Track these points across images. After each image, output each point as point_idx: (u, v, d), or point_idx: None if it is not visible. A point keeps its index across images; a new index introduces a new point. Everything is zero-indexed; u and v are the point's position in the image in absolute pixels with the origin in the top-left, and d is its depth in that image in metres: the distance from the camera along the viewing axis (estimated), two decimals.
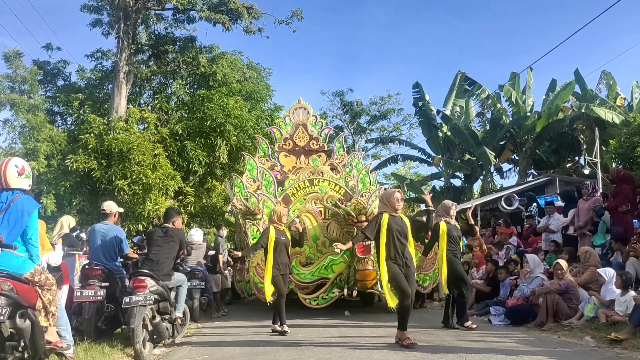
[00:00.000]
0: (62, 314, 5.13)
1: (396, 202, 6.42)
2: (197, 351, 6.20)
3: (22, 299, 4.45)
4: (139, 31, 17.83)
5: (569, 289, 7.43)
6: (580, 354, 5.42)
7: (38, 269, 4.65)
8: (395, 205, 6.42)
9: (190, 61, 17.97)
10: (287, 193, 10.88)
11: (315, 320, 8.70)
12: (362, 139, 38.33)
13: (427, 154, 28.38)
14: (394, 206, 6.41)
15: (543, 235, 10.70)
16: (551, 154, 24.96)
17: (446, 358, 5.26)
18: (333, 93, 38.22)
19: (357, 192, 11.11)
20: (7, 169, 4.54)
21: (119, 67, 16.18)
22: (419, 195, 29.17)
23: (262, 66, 20.52)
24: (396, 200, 6.43)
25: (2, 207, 4.43)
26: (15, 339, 4.44)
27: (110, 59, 18.58)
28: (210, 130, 15.69)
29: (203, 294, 9.42)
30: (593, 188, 9.95)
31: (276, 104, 20.39)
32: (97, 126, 14.81)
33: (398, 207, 6.43)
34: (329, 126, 14.62)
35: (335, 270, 9.18)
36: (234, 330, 8.00)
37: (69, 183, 14.23)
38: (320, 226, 9.69)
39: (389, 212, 6.40)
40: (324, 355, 5.58)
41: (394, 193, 6.59)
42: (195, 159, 15.48)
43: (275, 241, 7.40)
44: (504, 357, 5.23)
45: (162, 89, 19.15)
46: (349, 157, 12.45)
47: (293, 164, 12.14)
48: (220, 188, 17.26)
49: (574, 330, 6.74)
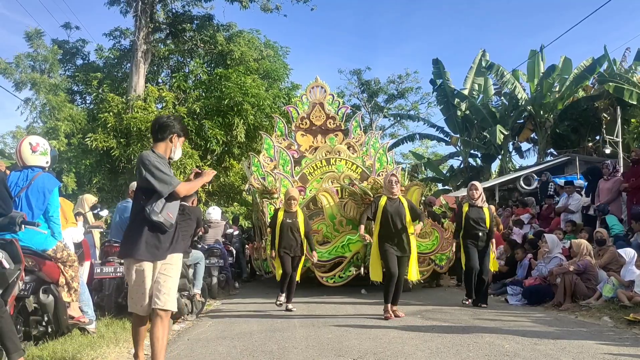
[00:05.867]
0: (84, 289, 5.25)
1: (391, 186, 6.67)
2: (216, 327, 6.29)
3: (45, 274, 4.56)
4: (157, 9, 17.78)
5: (587, 269, 7.38)
6: (598, 334, 5.39)
7: (60, 245, 4.75)
8: (390, 189, 6.68)
9: (207, 40, 17.95)
10: (304, 172, 10.91)
11: (332, 298, 8.77)
12: (379, 117, 38.13)
13: (445, 132, 28.02)
14: (390, 190, 6.69)
15: (562, 215, 10.60)
16: (571, 133, 24.56)
17: (463, 337, 5.28)
18: (350, 71, 38.08)
19: (374, 171, 11.10)
20: (22, 148, 4.62)
21: (137, 46, 16.22)
22: (436, 175, 29.04)
23: (279, 45, 20.46)
24: (390, 184, 6.68)
25: (23, 184, 4.52)
26: (39, 313, 4.57)
27: (129, 37, 18.64)
28: (228, 109, 15.71)
29: (221, 272, 9.53)
30: (614, 168, 9.80)
31: (293, 83, 20.36)
32: (115, 105, 14.92)
33: (393, 190, 6.66)
34: (346, 105, 14.55)
35: (352, 249, 9.21)
36: (251, 307, 8.10)
37: (89, 162, 14.40)
38: (337, 205, 9.71)
39: (387, 195, 6.70)
40: (341, 333, 5.64)
41: (388, 177, 6.84)
42: (213, 138, 15.53)
43: (282, 224, 7.45)
44: (521, 337, 5.24)
45: (179, 68, 19.19)
46: (366, 136, 12.40)
47: (310, 143, 12.13)
48: (237, 167, 17.32)
49: (592, 311, 6.71)
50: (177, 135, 3.82)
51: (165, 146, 3.80)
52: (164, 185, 3.58)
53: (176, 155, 3.87)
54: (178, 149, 3.87)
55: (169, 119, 3.84)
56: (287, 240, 7.45)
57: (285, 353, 4.77)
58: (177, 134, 3.82)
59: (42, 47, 15.65)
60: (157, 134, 3.79)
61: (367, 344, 5.01)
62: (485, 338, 5.21)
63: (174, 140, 3.82)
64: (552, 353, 4.53)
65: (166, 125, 3.78)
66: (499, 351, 4.62)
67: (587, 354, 4.47)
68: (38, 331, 4.62)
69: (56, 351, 4.35)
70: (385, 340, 5.21)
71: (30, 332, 4.55)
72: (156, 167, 3.57)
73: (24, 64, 15.38)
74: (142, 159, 3.62)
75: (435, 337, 5.29)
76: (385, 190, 6.82)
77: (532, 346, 4.81)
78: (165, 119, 3.85)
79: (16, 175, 4.59)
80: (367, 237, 6.89)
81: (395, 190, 6.71)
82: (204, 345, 5.21)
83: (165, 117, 3.87)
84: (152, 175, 3.56)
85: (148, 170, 3.56)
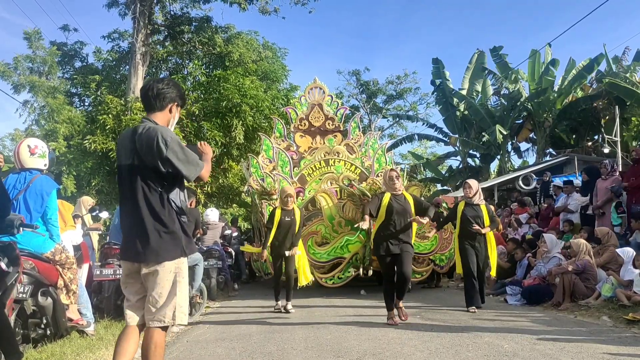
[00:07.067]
0: (82, 292, 5.25)
1: (392, 182, 6.38)
2: (215, 328, 6.29)
3: (44, 277, 4.56)
4: (155, 11, 17.81)
5: (586, 269, 7.39)
6: (597, 334, 5.39)
7: (59, 248, 4.75)
8: (391, 185, 6.38)
9: (206, 41, 17.96)
10: (303, 173, 10.92)
11: (331, 299, 8.77)
12: (378, 118, 38.19)
13: (444, 133, 28.06)
14: (391, 186, 6.39)
15: (561, 215, 10.62)
16: (570, 133, 24.60)
17: (462, 337, 5.28)
18: (349, 72, 38.24)
19: (372, 172, 11.10)
20: (20, 150, 4.63)
21: (135, 48, 16.23)
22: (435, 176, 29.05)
23: (277, 46, 20.49)
24: (391, 179, 6.38)
25: (21, 187, 4.52)
26: (38, 316, 4.57)
27: (127, 39, 18.65)
28: (227, 110, 15.69)
29: (220, 273, 9.53)
30: (612, 167, 9.81)
31: (292, 84, 20.37)
32: (114, 107, 14.91)
33: (395, 186, 6.37)
34: (345, 106, 14.54)
35: (351, 249, 9.22)
36: (251, 309, 8.09)
37: (89, 164, 14.40)
38: (336, 206, 9.71)
39: (390, 191, 6.38)
40: (340, 334, 5.64)
41: (387, 173, 6.56)
42: (212, 139, 15.51)
43: (280, 223, 7.43)
44: (520, 336, 5.24)
45: (178, 70, 19.19)
46: (365, 137, 12.42)
47: (309, 144, 12.13)
48: (236, 168, 17.33)
49: (591, 310, 6.71)
50: (176, 105, 3.19)
51: (163, 117, 3.12)
52: (191, 168, 2.96)
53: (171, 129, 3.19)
54: (175, 121, 3.25)
55: (168, 85, 3.15)
56: (282, 239, 7.45)
57: (284, 354, 4.76)
58: (177, 103, 3.18)
59: (40, 49, 15.66)
60: (155, 102, 3.09)
61: (367, 345, 5.01)
62: (484, 338, 5.21)
63: (174, 111, 3.18)
64: (551, 353, 4.53)
65: (165, 92, 3.10)
66: (498, 351, 4.62)
67: (586, 354, 4.47)
68: (37, 334, 4.62)
69: (55, 354, 4.35)
70: (384, 341, 5.21)
71: (28, 335, 4.55)
72: (181, 145, 2.95)
73: (23, 66, 15.39)
74: (163, 134, 2.91)
75: (434, 338, 5.29)
76: (387, 187, 6.47)
77: (531, 346, 4.81)
78: (163, 84, 3.13)
79: (14, 177, 4.60)
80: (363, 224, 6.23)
81: (398, 185, 6.37)
82: (202, 347, 5.21)
83: (162, 82, 3.15)
84: (176, 156, 2.90)
85: (172, 150, 2.89)
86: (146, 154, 2.91)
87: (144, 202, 2.93)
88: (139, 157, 2.95)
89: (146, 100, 3.12)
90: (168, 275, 2.94)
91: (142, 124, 3.05)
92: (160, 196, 2.94)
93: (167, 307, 2.93)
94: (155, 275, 2.92)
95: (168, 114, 3.14)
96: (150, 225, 2.92)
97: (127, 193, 3.00)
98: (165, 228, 2.93)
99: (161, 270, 2.92)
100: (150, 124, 3.02)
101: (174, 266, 2.97)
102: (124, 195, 3.04)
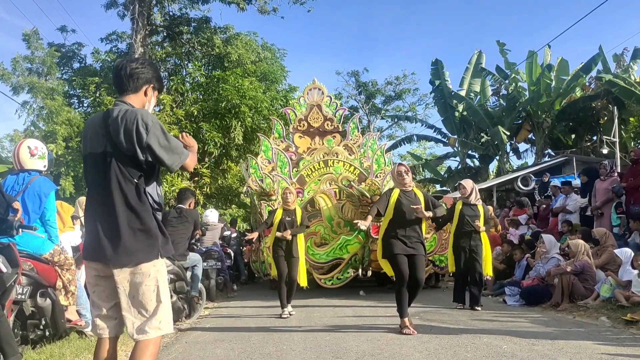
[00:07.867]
0: (81, 293, 5.25)
1: (401, 177, 5.99)
2: (213, 330, 6.29)
3: (43, 278, 4.57)
4: (154, 12, 17.81)
5: (585, 270, 7.39)
6: (596, 334, 5.40)
7: (57, 249, 4.76)
8: (400, 180, 6.00)
9: (205, 42, 17.96)
10: (302, 174, 10.92)
11: (330, 300, 8.77)
12: (377, 119, 38.23)
13: (442, 133, 28.05)
14: (400, 181, 6.00)
15: (559, 215, 10.62)
16: (568, 134, 24.62)
17: (461, 338, 5.28)
18: (348, 73, 38.20)
19: (371, 172, 11.11)
20: (20, 151, 4.63)
21: (134, 49, 16.23)
22: (434, 176, 29.07)
23: (276, 47, 20.49)
24: (400, 175, 6.01)
25: (20, 188, 4.52)
26: (37, 317, 4.57)
27: (125, 41, 18.64)
28: (226, 111, 15.70)
29: (219, 274, 9.54)
30: (611, 168, 9.81)
31: (291, 85, 20.36)
32: None
33: (404, 181, 5.97)
34: (344, 107, 14.57)
35: (350, 250, 9.22)
36: (249, 310, 8.10)
37: None
38: (335, 207, 9.72)
39: (399, 187, 6.01)
40: (339, 335, 5.64)
41: (395, 168, 6.21)
42: (211, 140, 15.53)
43: (280, 222, 7.30)
44: (519, 337, 5.24)
45: (177, 71, 19.18)
46: (364, 138, 12.43)
47: (308, 145, 12.14)
48: (235, 169, 17.33)
49: (590, 311, 6.72)
50: (152, 87, 2.81)
51: (138, 100, 2.74)
52: (174, 156, 2.63)
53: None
54: (151, 107, 2.86)
55: (143, 64, 2.77)
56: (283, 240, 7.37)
57: (283, 355, 4.76)
58: (153, 85, 2.81)
59: (39, 49, 15.65)
60: (128, 83, 2.72)
61: (365, 346, 5.01)
62: (483, 339, 5.22)
63: (149, 94, 2.80)
64: (549, 353, 4.54)
65: (139, 72, 2.73)
66: (496, 352, 4.63)
67: (585, 354, 4.47)
68: (36, 335, 4.62)
69: (54, 355, 4.34)
70: (383, 341, 5.21)
71: (27, 336, 4.55)
72: (164, 130, 2.60)
73: (21, 67, 15.38)
74: (144, 117, 2.56)
75: (433, 338, 5.29)
76: (396, 183, 6.08)
77: (530, 347, 4.82)
78: (137, 63, 2.76)
79: (12, 178, 4.60)
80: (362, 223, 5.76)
81: (408, 180, 5.96)
82: (201, 348, 5.20)
83: (136, 61, 2.79)
84: (158, 142, 2.55)
85: (153, 135, 2.54)
86: (124, 140, 2.54)
87: (119, 194, 2.55)
88: (113, 143, 2.58)
89: (118, 81, 2.75)
90: (148, 281, 2.58)
91: (115, 107, 2.67)
92: (137, 188, 2.58)
93: (154, 318, 2.60)
94: (133, 280, 2.57)
95: (143, 96, 2.77)
96: (124, 221, 2.54)
97: (97, 185, 2.64)
98: (141, 225, 2.57)
99: (139, 275, 2.57)
100: (126, 106, 2.65)
101: (153, 269, 2.60)
102: (93, 188, 2.68)
